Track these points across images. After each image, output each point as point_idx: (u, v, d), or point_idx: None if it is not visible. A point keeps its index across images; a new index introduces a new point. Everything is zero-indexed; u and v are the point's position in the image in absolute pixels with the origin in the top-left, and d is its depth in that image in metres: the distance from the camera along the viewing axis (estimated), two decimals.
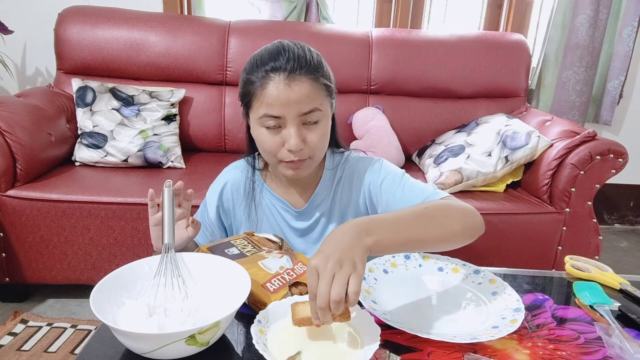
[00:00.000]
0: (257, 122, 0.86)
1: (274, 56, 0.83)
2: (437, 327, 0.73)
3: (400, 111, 2.26)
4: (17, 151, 1.64)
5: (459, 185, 1.85)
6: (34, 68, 2.39)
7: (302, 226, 1.00)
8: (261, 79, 0.82)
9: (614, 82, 2.52)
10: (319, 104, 0.84)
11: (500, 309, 0.78)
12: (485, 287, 0.84)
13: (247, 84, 0.85)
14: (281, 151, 0.86)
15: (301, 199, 1.00)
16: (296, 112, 0.82)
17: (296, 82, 0.81)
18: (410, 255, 0.92)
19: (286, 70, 0.81)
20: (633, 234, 2.76)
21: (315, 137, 0.86)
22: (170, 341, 0.59)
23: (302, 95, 0.82)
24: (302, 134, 0.85)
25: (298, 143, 0.83)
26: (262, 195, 1.01)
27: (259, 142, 0.88)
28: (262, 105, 0.83)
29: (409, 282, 0.86)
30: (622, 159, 1.75)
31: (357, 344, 0.65)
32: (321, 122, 0.86)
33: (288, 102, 0.81)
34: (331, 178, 1.00)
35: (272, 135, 0.85)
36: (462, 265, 0.90)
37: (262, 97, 0.82)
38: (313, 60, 0.84)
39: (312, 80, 0.83)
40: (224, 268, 0.74)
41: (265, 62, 0.83)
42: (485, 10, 2.60)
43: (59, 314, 1.75)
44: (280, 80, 0.81)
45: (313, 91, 0.83)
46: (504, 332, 0.69)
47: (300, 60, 0.82)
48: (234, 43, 2.17)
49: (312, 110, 0.83)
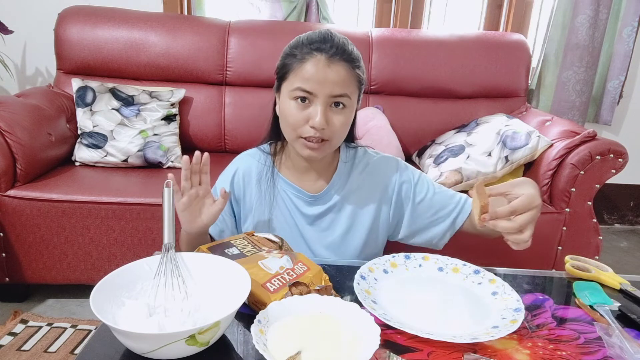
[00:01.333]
0: (288, 95, 0.90)
1: (322, 38, 0.89)
2: (437, 327, 0.73)
3: (400, 111, 2.26)
4: (17, 151, 1.64)
5: (459, 185, 1.85)
6: (34, 68, 2.39)
7: (314, 212, 1.02)
8: (304, 54, 0.88)
9: (614, 82, 2.52)
10: (350, 92, 0.90)
11: (500, 309, 0.78)
12: (486, 287, 0.84)
13: (288, 57, 0.91)
14: (304, 127, 0.90)
15: (315, 186, 1.03)
16: (328, 92, 0.88)
17: (335, 65, 0.87)
18: (410, 255, 0.92)
19: (329, 53, 0.87)
20: (633, 234, 2.76)
21: (339, 122, 0.91)
22: (170, 341, 0.59)
23: (338, 78, 0.88)
24: (328, 115, 0.89)
25: (322, 121, 0.88)
26: (275, 181, 1.04)
27: (285, 115, 0.92)
28: (298, 78, 0.88)
29: (409, 282, 0.86)
30: (622, 159, 1.75)
31: (357, 344, 0.65)
32: (347, 110, 0.91)
33: (324, 81, 0.87)
34: (346, 170, 1.04)
35: (299, 110, 0.89)
36: (462, 265, 0.90)
37: (300, 70, 0.88)
38: (354, 52, 0.91)
39: (349, 68, 0.89)
40: (224, 268, 0.74)
41: (312, 41, 0.89)
42: (485, 10, 2.60)
43: (59, 314, 1.75)
44: (321, 59, 0.87)
45: (348, 78, 0.89)
46: (503, 332, 0.69)
47: (344, 47, 0.89)
48: (234, 43, 2.17)
49: (342, 95, 0.89)
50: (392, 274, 0.87)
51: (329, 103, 0.89)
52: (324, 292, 0.75)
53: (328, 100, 0.88)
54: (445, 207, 1.05)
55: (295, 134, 0.91)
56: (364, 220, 1.04)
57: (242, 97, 2.20)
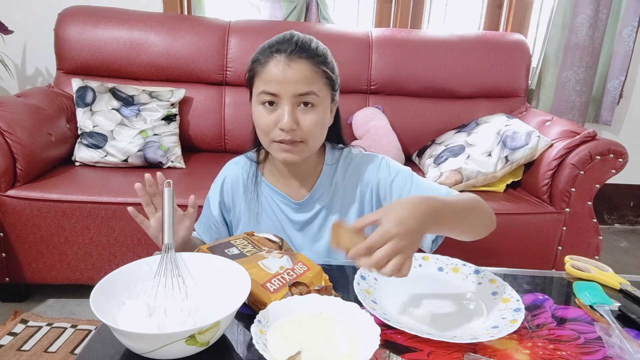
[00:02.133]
0: (256, 100, 0.90)
1: (282, 39, 0.89)
2: (437, 327, 0.73)
3: (400, 111, 2.26)
4: (17, 151, 1.64)
5: (459, 185, 1.85)
6: (34, 68, 2.39)
7: (301, 219, 1.01)
8: (266, 57, 0.88)
9: (614, 82, 2.52)
10: (317, 89, 0.88)
11: (500, 309, 0.78)
12: (486, 287, 0.84)
13: (253, 63, 0.91)
14: (274, 130, 0.88)
15: (300, 192, 1.01)
16: (292, 91, 0.86)
17: (295, 63, 0.86)
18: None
19: (287, 52, 0.86)
20: (633, 234, 2.76)
21: (309, 121, 0.88)
22: (170, 341, 0.59)
23: (300, 76, 0.86)
24: (296, 115, 0.88)
25: (289, 121, 0.86)
26: (261, 189, 1.02)
27: (256, 120, 0.91)
28: (262, 81, 0.88)
29: (409, 282, 0.86)
30: (622, 159, 1.75)
31: (357, 344, 0.65)
32: (317, 108, 0.89)
33: (285, 80, 0.85)
34: (331, 173, 1.01)
35: (268, 114, 0.88)
36: (462, 265, 0.90)
37: (263, 74, 0.87)
38: (317, 49, 0.89)
39: (312, 64, 0.87)
40: (224, 268, 0.74)
41: (272, 44, 0.89)
42: (485, 10, 2.60)
43: (59, 314, 1.75)
44: (281, 59, 0.86)
45: (311, 75, 0.87)
46: (504, 332, 0.69)
47: (304, 45, 0.88)
48: (234, 43, 2.17)
49: (307, 93, 0.87)
50: None
51: (296, 103, 0.87)
52: (324, 292, 0.75)
53: (294, 100, 0.86)
54: None
55: (269, 139, 0.90)
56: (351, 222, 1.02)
57: (242, 97, 2.20)
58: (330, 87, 0.91)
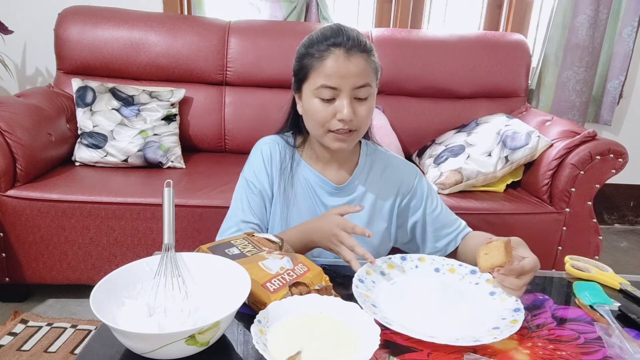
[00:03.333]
0: (313, 93, 0.93)
1: (335, 33, 0.91)
2: (438, 329, 0.73)
3: (400, 111, 2.26)
4: (17, 151, 1.64)
5: (459, 185, 1.85)
6: (34, 68, 2.39)
7: (336, 203, 1.04)
8: (322, 52, 0.90)
9: (614, 82, 2.52)
10: (370, 81, 0.93)
11: (499, 309, 0.78)
12: (483, 287, 0.84)
13: (305, 57, 0.93)
14: (332, 121, 0.93)
15: (337, 176, 1.05)
16: (351, 84, 0.90)
17: (354, 57, 0.90)
18: (407, 257, 0.92)
19: (346, 46, 0.89)
20: (633, 234, 2.76)
21: (364, 111, 0.93)
22: (170, 341, 0.59)
23: (359, 69, 0.90)
24: (354, 106, 0.92)
25: (350, 113, 0.90)
26: (298, 171, 1.05)
27: (311, 113, 0.94)
28: (321, 76, 0.90)
29: (406, 283, 0.86)
30: (622, 159, 1.75)
31: (357, 344, 0.65)
32: (369, 99, 0.95)
33: (346, 75, 0.89)
34: (368, 164, 1.07)
35: (325, 106, 0.92)
36: (459, 266, 0.90)
37: (321, 68, 0.90)
38: (367, 43, 0.93)
39: (367, 58, 0.92)
40: (224, 268, 0.74)
41: (327, 38, 0.91)
42: (485, 10, 2.60)
43: (59, 314, 1.75)
44: (340, 54, 0.89)
45: (367, 68, 0.92)
46: (506, 333, 0.69)
47: (359, 39, 0.91)
48: (234, 43, 2.16)
49: (364, 85, 0.92)
50: (389, 275, 0.87)
51: (352, 96, 0.91)
52: (324, 292, 0.75)
53: (352, 93, 0.91)
54: (448, 227, 1.08)
55: (324, 129, 0.94)
56: (381, 218, 1.07)
57: (242, 97, 2.20)
58: (377, 78, 0.97)
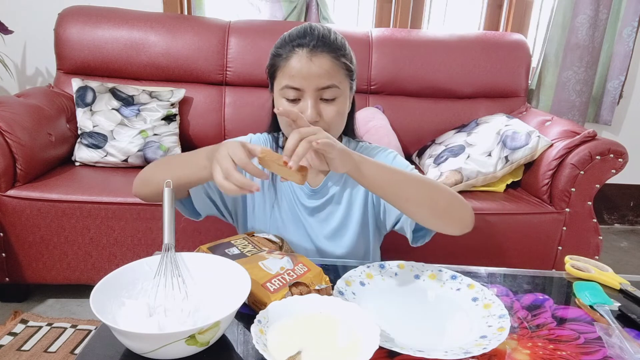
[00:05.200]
0: (279, 94, 0.93)
1: (301, 33, 0.91)
2: (425, 340, 0.70)
3: (400, 111, 2.26)
4: (17, 151, 1.64)
5: (459, 185, 1.85)
6: (34, 68, 2.39)
7: (312, 205, 1.04)
8: (287, 52, 0.90)
9: (614, 82, 2.52)
10: (338, 82, 0.91)
11: (484, 314, 0.76)
12: (465, 293, 0.82)
13: (274, 57, 0.93)
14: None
15: (315, 179, 1.04)
16: (315, 85, 0.89)
17: (318, 57, 0.89)
18: (385, 264, 0.89)
19: (309, 46, 0.89)
20: (633, 234, 2.76)
21: (331, 112, 0.92)
22: (170, 341, 0.59)
23: (322, 70, 0.89)
24: (319, 107, 0.91)
25: (313, 114, 0.89)
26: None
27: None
28: (285, 76, 0.90)
29: (387, 293, 0.83)
30: (622, 159, 1.75)
31: (357, 344, 0.65)
32: (338, 100, 0.92)
33: (308, 75, 0.88)
34: None
35: (291, 107, 0.91)
36: (439, 271, 0.87)
37: (285, 69, 0.90)
38: (336, 41, 0.92)
39: (333, 58, 0.90)
40: (224, 268, 0.74)
41: (293, 39, 0.91)
42: (485, 11, 2.60)
43: (59, 314, 1.75)
44: (303, 54, 0.89)
45: (333, 68, 0.90)
46: (494, 342, 0.67)
47: (324, 38, 0.90)
48: (234, 43, 2.16)
49: (329, 86, 0.90)
50: (369, 285, 0.84)
51: (318, 96, 0.91)
52: (324, 292, 0.75)
53: (316, 94, 0.90)
54: None
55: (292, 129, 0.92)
56: (356, 210, 1.05)
57: (242, 97, 2.20)
58: (349, 77, 0.95)
